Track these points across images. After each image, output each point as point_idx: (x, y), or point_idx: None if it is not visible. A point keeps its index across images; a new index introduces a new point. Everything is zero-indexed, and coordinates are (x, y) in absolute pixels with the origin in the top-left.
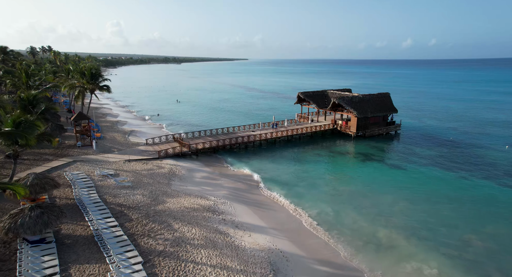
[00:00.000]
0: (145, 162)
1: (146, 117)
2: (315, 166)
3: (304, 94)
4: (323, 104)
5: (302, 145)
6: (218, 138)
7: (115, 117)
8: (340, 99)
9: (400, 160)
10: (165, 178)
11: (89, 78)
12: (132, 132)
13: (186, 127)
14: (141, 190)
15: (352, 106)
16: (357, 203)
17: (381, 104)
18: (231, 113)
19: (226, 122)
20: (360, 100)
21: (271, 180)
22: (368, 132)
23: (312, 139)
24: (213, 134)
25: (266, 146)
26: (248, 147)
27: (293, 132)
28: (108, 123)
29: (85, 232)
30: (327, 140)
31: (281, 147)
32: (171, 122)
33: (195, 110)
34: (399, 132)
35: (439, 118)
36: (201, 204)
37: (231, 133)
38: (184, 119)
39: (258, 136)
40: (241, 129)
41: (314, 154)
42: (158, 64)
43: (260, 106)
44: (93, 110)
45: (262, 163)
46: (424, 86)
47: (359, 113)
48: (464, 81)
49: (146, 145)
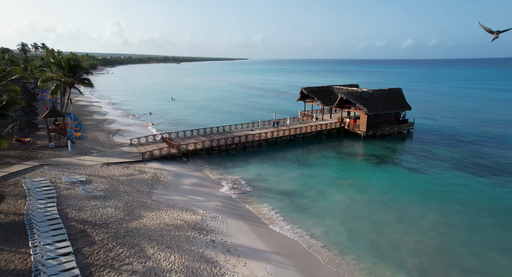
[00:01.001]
0: (126, 166)
1: (136, 116)
2: (322, 170)
3: (307, 90)
4: (328, 100)
5: (306, 145)
6: (212, 138)
7: (102, 115)
8: (349, 94)
9: (419, 163)
10: (146, 185)
11: (66, 70)
12: (118, 131)
13: (179, 127)
14: (115, 201)
15: (361, 102)
16: (376, 217)
17: (393, 100)
18: (228, 111)
19: (223, 121)
20: (370, 95)
21: (272, 188)
22: (379, 131)
23: (317, 139)
24: (207, 134)
25: (266, 147)
26: (246, 148)
27: (296, 131)
28: (93, 122)
29: (22, 265)
30: (333, 140)
31: (283, 148)
32: (163, 120)
33: (190, 108)
34: (412, 131)
35: (454, 116)
36: (186, 220)
37: (227, 133)
38: (178, 117)
39: (257, 136)
40: (238, 128)
41: (320, 156)
42: (157, 64)
43: (260, 104)
44: (81, 108)
45: (261, 166)
46: (431, 84)
47: (370, 110)
48: (472, 79)
49: (130, 146)
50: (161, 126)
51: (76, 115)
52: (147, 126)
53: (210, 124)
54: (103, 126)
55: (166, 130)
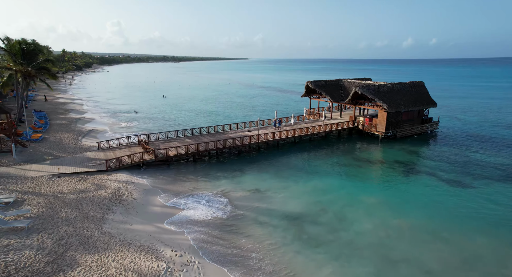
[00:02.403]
0: (83, 178)
1: (119, 115)
2: (338, 183)
3: (314, 84)
4: (338, 96)
5: (314, 149)
6: (200, 140)
7: (80, 114)
8: (365, 88)
9: (460, 173)
10: (101, 207)
11: (19, 57)
12: (91, 132)
13: (164, 127)
14: (43, 237)
15: (380, 97)
16: (429, 258)
17: (416, 95)
18: (224, 110)
19: (216, 121)
20: (390, 90)
21: (273, 210)
22: (399, 131)
23: (326, 141)
24: (195, 135)
25: (266, 151)
26: (242, 153)
27: (302, 132)
28: (66, 121)
29: None
30: (346, 143)
31: (286, 152)
32: (148, 120)
33: (182, 106)
34: (437, 132)
35: (478, 115)
36: (142, 272)
37: (219, 134)
38: (166, 117)
39: (255, 138)
40: (234, 129)
41: (332, 164)
42: (156, 63)
43: (260, 102)
44: (58, 106)
45: (260, 177)
46: (439, 81)
47: (390, 107)
48: (481, 77)
49: (98, 150)
50: (145, 126)
51: (48, 113)
52: (129, 127)
53: (201, 124)
54: (75, 126)
55: (149, 131)
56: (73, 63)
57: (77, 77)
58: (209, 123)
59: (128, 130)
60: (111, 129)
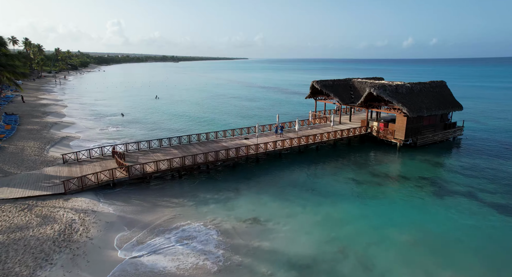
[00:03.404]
0: (31, 206)
1: (103, 118)
2: (357, 209)
3: (320, 84)
4: (348, 97)
5: (322, 160)
6: (188, 151)
7: (59, 117)
8: (381, 89)
9: (509, 195)
10: (35, 256)
11: None
12: (64, 140)
13: (151, 132)
14: None
15: (399, 99)
16: None
17: (437, 96)
18: (220, 113)
19: (211, 125)
20: (409, 91)
21: (277, 252)
22: (420, 139)
23: (335, 150)
24: (183, 145)
25: (266, 163)
26: (238, 166)
27: (308, 140)
28: (39, 126)
29: None
30: (358, 152)
31: (289, 164)
32: (134, 124)
33: (174, 109)
34: (461, 139)
35: (506, 119)
36: None
37: (212, 143)
38: (155, 120)
39: (254, 148)
40: (229, 136)
41: (345, 181)
42: (155, 62)
43: (260, 104)
44: (37, 108)
45: (258, 200)
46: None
47: (411, 111)
48: (490, 76)
49: (63, 164)
50: (129, 132)
51: (21, 117)
52: (109, 132)
53: (193, 129)
54: (48, 132)
55: (133, 137)
56: (69, 62)
57: (71, 76)
58: (202, 128)
59: (109, 136)
60: (88, 136)
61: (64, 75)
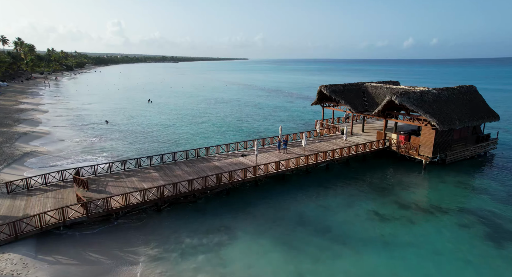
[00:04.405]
0: None
1: (85, 126)
2: (388, 268)
3: (329, 89)
4: (361, 105)
5: (334, 183)
6: (171, 174)
7: (33, 126)
8: (404, 97)
9: None
10: None
11: None
12: (27, 156)
13: (134, 145)
14: None
15: (426, 109)
16: None
17: (469, 105)
18: (215, 120)
19: (204, 136)
20: (436, 98)
21: None
22: (450, 155)
23: (348, 169)
24: (168, 163)
25: (266, 187)
26: (232, 192)
27: (317, 158)
28: (3, 137)
29: None
30: (376, 172)
31: (295, 189)
32: (117, 134)
33: (166, 115)
34: (494, 153)
35: None
36: None
37: (201, 161)
38: (141, 129)
39: (252, 171)
40: (222, 152)
41: (366, 215)
42: (154, 63)
43: (260, 109)
44: (11, 114)
45: (256, 248)
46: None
47: (443, 123)
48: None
49: (5, 195)
50: (109, 144)
51: None
52: (86, 146)
53: (182, 142)
54: (11, 145)
55: (112, 149)
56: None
57: (65, 77)
58: (193, 140)
59: (84, 150)
60: (60, 150)
61: (56, 76)
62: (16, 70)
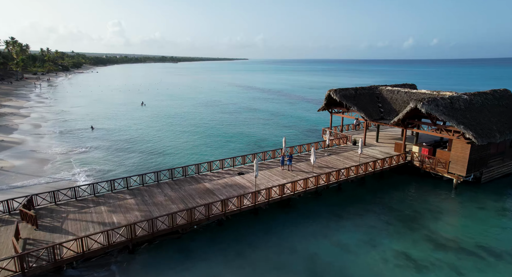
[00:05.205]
0: None
1: (67, 133)
2: None
3: (340, 94)
4: (376, 111)
5: (348, 211)
6: (151, 200)
7: (5, 134)
8: (431, 104)
9: None
10: None
11: None
12: None
13: (117, 158)
14: None
15: (459, 119)
16: None
17: (506, 112)
18: (210, 128)
19: (196, 144)
20: (468, 105)
21: None
22: (486, 173)
23: (364, 189)
24: (149, 185)
25: (267, 216)
26: (227, 224)
27: (329, 179)
28: None
29: None
30: (398, 194)
31: (302, 219)
32: (101, 142)
33: (158, 120)
34: None
35: None
36: None
37: (189, 183)
38: (127, 138)
39: (251, 198)
40: (216, 169)
41: (397, 258)
42: (154, 63)
43: (259, 113)
44: None
45: None
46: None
47: (480, 135)
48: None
49: None
50: (88, 156)
51: None
52: (61, 158)
53: (171, 152)
54: None
55: (91, 165)
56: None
57: (60, 78)
58: (184, 149)
59: (56, 165)
60: (26, 166)
61: (48, 77)
62: (6, 71)
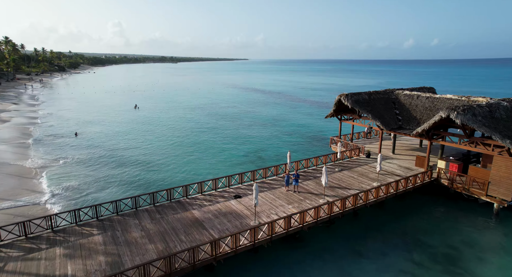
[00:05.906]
0: None
1: (47, 140)
2: None
3: (352, 100)
4: (393, 120)
5: (369, 244)
6: (124, 236)
7: None
8: (467, 113)
9: None
10: None
11: None
12: None
13: (98, 173)
14: None
15: (501, 132)
16: None
17: None
18: (208, 131)
19: (187, 156)
20: (510, 113)
21: None
22: None
23: (384, 213)
24: (124, 214)
25: (269, 254)
26: (219, 267)
27: (344, 205)
28: None
29: None
30: (424, 222)
31: (312, 260)
32: (83, 151)
33: (150, 126)
34: None
35: None
36: None
37: (174, 210)
38: (115, 146)
39: (248, 237)
40: (208, 191)
41: None
42: (153, 63)
43: (260, 120)
44: None
45: None
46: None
47: None
48: None
49: None
50: (65, 170)
51: None
52: (32, 173)
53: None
54: None
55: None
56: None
57: (54, 78)
58: (174, 161)
59: (20, 185)
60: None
61: (41, 78)
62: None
